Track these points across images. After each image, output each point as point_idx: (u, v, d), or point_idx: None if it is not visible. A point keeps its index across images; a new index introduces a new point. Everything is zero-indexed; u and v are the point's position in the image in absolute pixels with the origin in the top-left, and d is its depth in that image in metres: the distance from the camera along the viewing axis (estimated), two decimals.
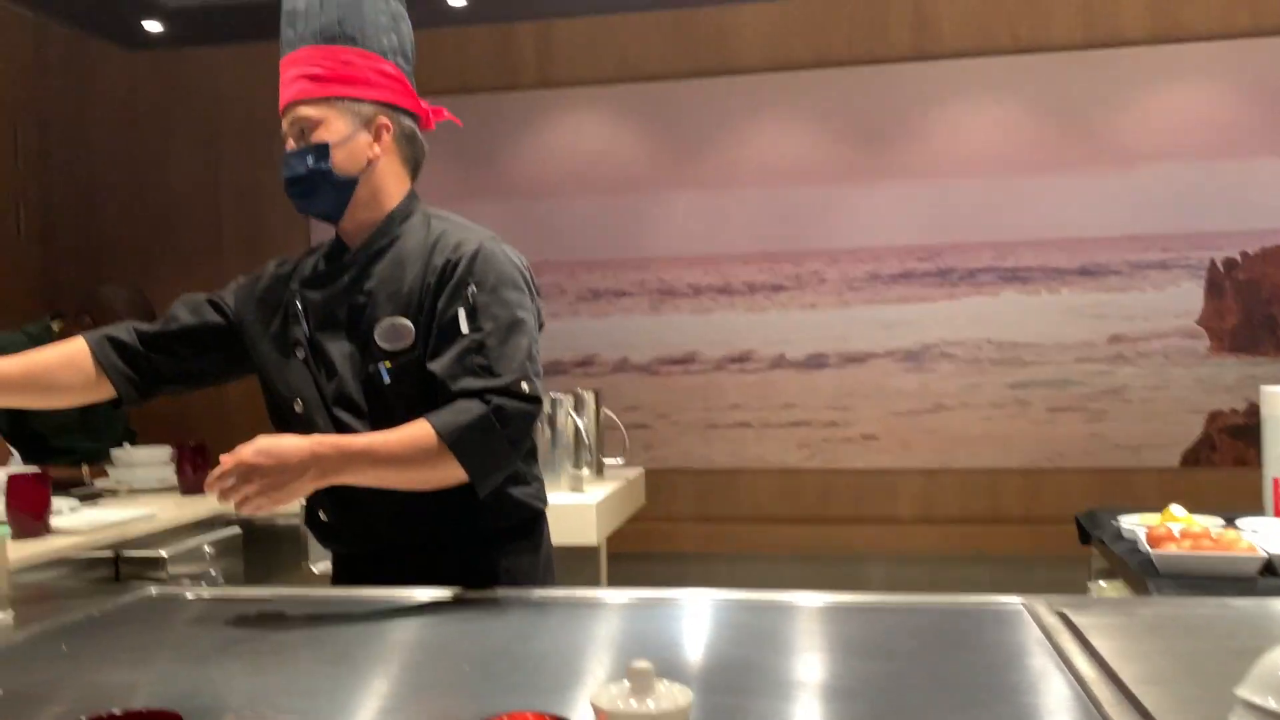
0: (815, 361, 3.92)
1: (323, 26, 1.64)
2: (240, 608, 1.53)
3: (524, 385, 1.54)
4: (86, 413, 3.26)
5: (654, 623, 1.48)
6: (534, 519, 1.73)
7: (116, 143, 4.29)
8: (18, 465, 2.66)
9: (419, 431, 1.49)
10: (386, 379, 1.58)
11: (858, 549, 3.85)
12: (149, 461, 2.94)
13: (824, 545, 3.86)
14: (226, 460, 1.44)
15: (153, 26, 3.83)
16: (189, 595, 1.65)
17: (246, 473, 1.43)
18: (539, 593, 1.59)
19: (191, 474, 2.82)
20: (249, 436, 3.97)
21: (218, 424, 4.17)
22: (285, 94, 1.67)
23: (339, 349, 1.63)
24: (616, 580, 3.15)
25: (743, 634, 1.41)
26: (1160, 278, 3.75)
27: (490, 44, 4.07)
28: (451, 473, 1.50)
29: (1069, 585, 2.04)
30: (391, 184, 1.69)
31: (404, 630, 1.43)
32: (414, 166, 1.73)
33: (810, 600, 1.52)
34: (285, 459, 1.44)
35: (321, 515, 1.69)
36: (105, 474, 2.99)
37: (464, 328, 1.56)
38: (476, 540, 1.65)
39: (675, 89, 3.99)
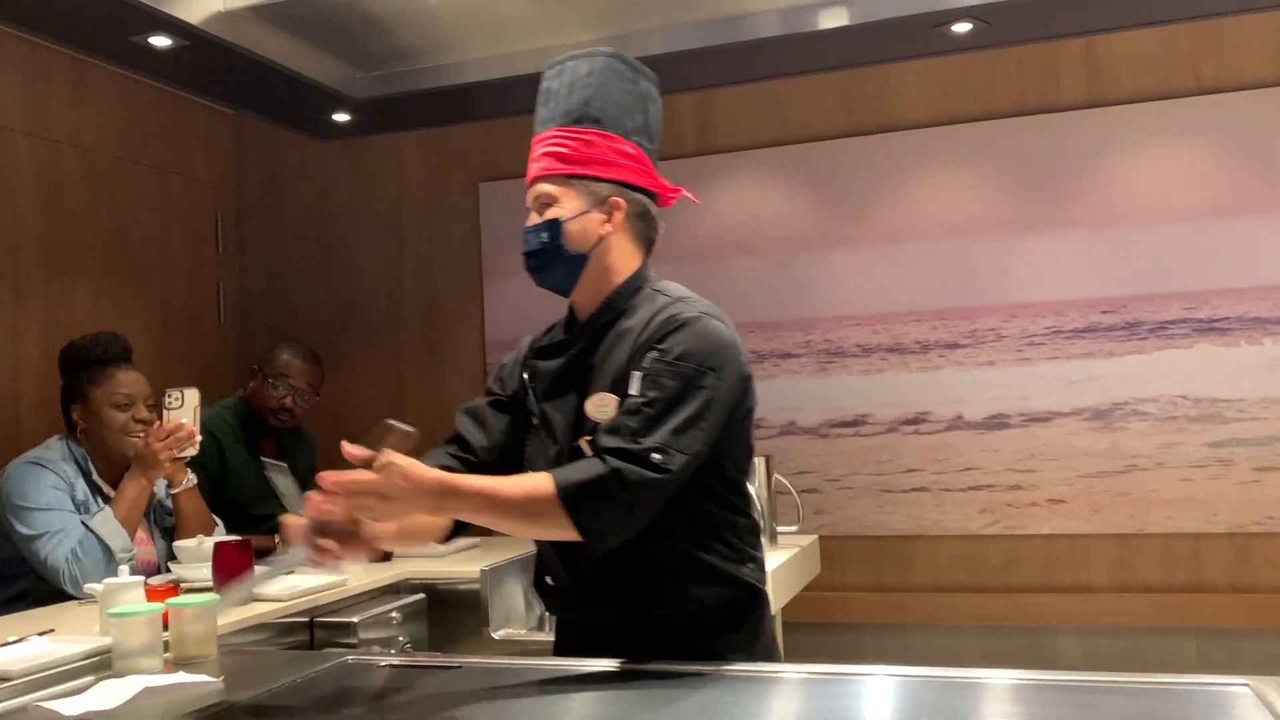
0: (995, 422, 3.77)
1: (570, 107, 1.71)
2: (430, 675, 1.57)
3: (655, 456, 1.51)
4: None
5: (841, 700, 1.43)
6: (754, 599, 1.70)
7: (306, 226, 4.57)
8: (221, 534, 2.82)
9: (538, 482, 1.51)
10: (589, 453, 1.59)
11: (1047, 620, 3.64)
12: None
13: (1010, 616, 3.67)
14: (379, 470, 1.42)
15: (340, 117, 4.07)
16: (382, 663, 1.70)
17: (386, 489, 1.42)
18: (730, 668, 1.55)
19: None
20: None
21: None
22: (531, 170, 1.74)
23: (561, 419, 1.67)
24: (792, 651, 3.06)
25: (937, 714, 1.35)
26: None
27: None
28: (562, 528, 1.50)
29: None
30: (622, 260, 1.73)
31: (582, 702, 1.42)
32: (647, 244, 1.77)
33: (1004, 678, 1.45)
34: (421, 485, 1.44)
35: (548, 580, 1.71)
36: None
37: (633, 390, 1.57)
38: (697, 617, 1.63)
39: (837, 147, 3.96)
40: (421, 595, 2.65)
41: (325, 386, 3.45)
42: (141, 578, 1.99)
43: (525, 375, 1.75)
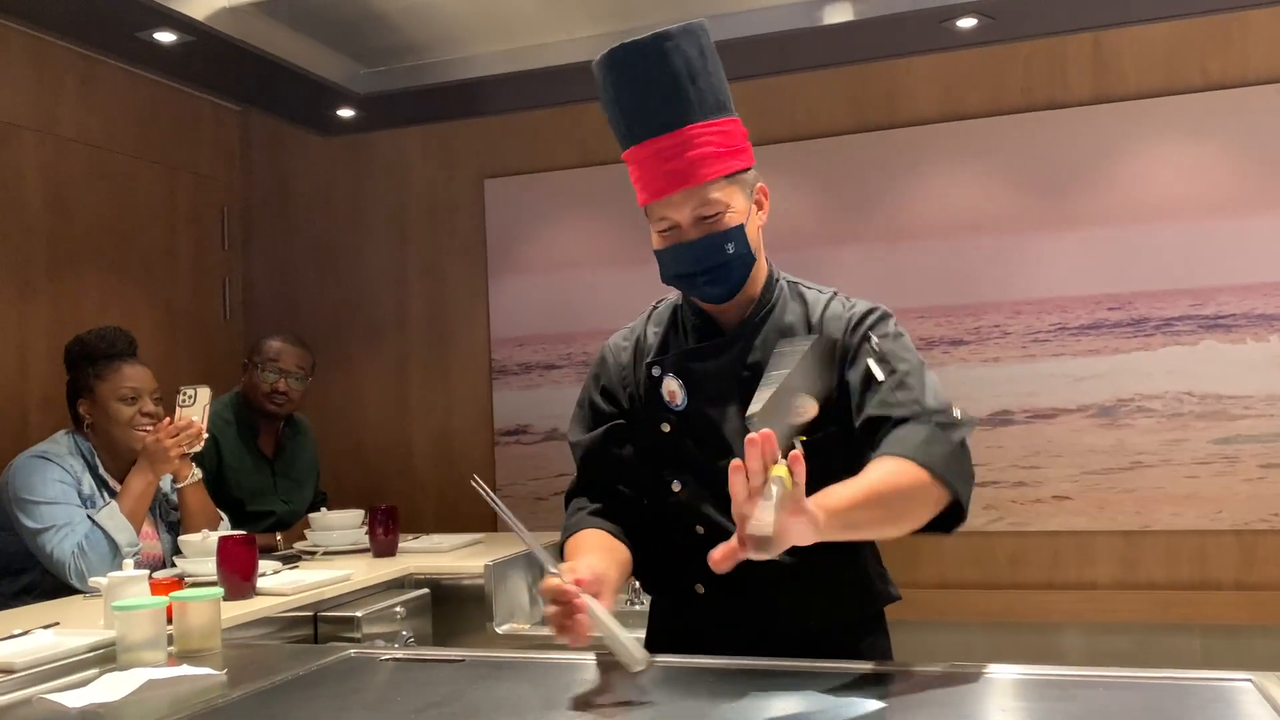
0: (1000, 419, 3.76)
1: (702, 98, 1.53)
2: (433, 670, 1.57)
3: (955, 411, 1.49)
4: (280, 478, 3.45)
5: (845, 696, 1.43)
6: (883, 611, 1.71)
7: (312, 222, 4.57)
8: (226, 529, 2.83)
9: (905, 471, 1.38)
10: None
11: (1052, 616, 3.63)
12: (343, 525, 3.08)
13: (1016, 612, 3.66)
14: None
15: (345, 113, 4.08)
16: (384, 657, 1.70)
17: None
18: (729, 661, 1.55)
19: (383, 536, 2.94)
20: (435, 499, 4.13)
21: (405, 485, 4.34)
22: (675, 179, 1.52)
23: (731, 426, 1.55)
24: None
25: (940, 709, 1.35)
26: None
27: None
28: (934, 510, 1.42)
29: None
30: (763, 254, 1.65)
31: (588, 694, 1.42)
32: None
33: (1006, 672, 1.44)
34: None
35: (698, 589, 1.60)
36: (303, 537, 3.13)
37: (879, 374, 1.52)
38: (835, 630, 1.62)
39: (843, 143, 3.95)
40: (425, 590, 2.66)
41: (330, 382, 3.46)
42: (146, 571, 2.00)
43: (675, 379, 1.59)
